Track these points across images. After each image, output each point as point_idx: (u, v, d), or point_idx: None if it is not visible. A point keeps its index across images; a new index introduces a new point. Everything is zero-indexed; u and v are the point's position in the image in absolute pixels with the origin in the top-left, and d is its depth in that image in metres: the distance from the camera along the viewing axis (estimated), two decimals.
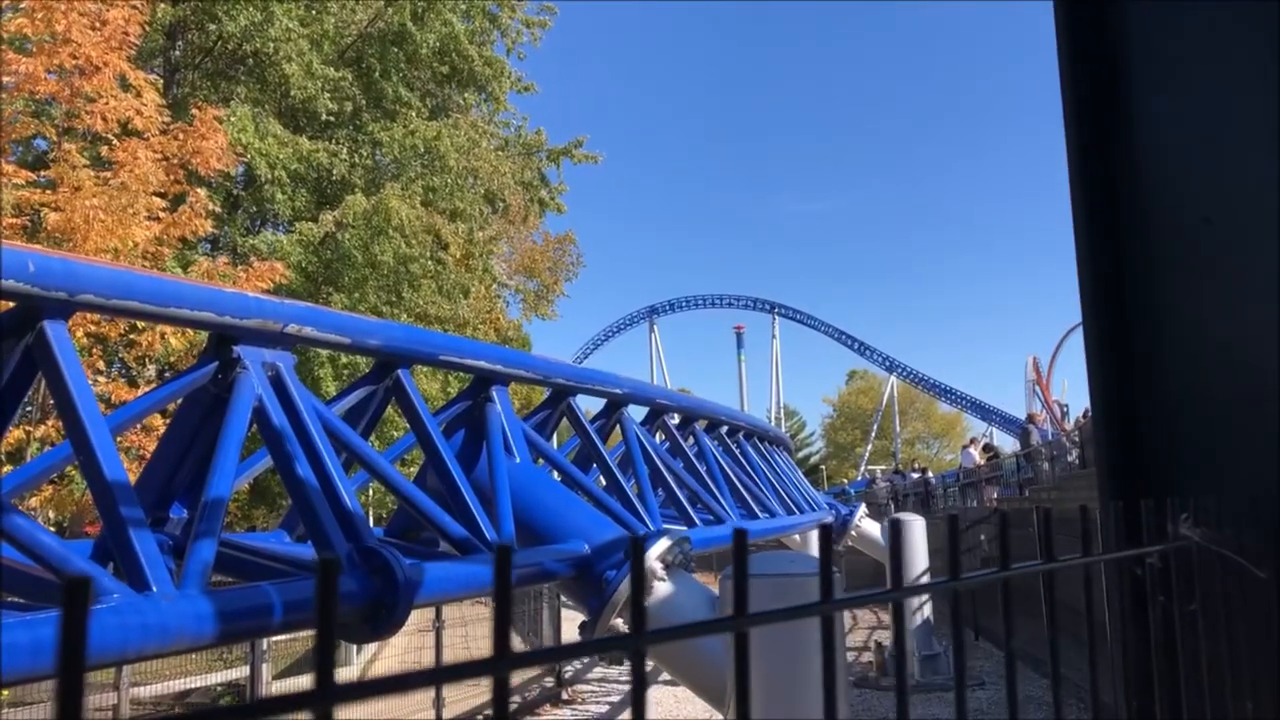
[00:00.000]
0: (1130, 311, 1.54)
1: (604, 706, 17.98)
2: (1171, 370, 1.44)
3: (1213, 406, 1.39)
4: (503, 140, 31.58)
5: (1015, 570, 0.88)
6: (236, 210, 26.48)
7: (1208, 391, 1.42)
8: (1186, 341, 1.48)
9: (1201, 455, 1.39)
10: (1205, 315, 1.48)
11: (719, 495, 9.56)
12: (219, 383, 4.80)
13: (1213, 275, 1.49)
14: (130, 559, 3.77)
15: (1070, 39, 1.80)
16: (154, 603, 3.67)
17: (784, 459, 14.82)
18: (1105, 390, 1.42)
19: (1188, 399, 1.43)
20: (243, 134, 22.88)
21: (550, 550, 6.08)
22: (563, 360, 9.73)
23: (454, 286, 27.09)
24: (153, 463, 5.07)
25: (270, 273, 20.49)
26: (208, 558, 4.02)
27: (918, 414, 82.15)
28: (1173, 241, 1.56)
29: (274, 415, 4.74)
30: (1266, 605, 1.11)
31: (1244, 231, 1.48)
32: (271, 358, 4.91)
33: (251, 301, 4.83)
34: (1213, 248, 1.51)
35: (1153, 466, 1.35)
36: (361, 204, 24.07)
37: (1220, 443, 1.38)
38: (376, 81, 26.96)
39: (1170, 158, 1.62)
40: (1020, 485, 26.77)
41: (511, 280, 37.79)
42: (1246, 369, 1.39)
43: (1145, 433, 1.45)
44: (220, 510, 4.21)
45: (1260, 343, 1.36)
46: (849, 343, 74.06)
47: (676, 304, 77.13)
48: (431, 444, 5.88)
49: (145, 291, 4.30)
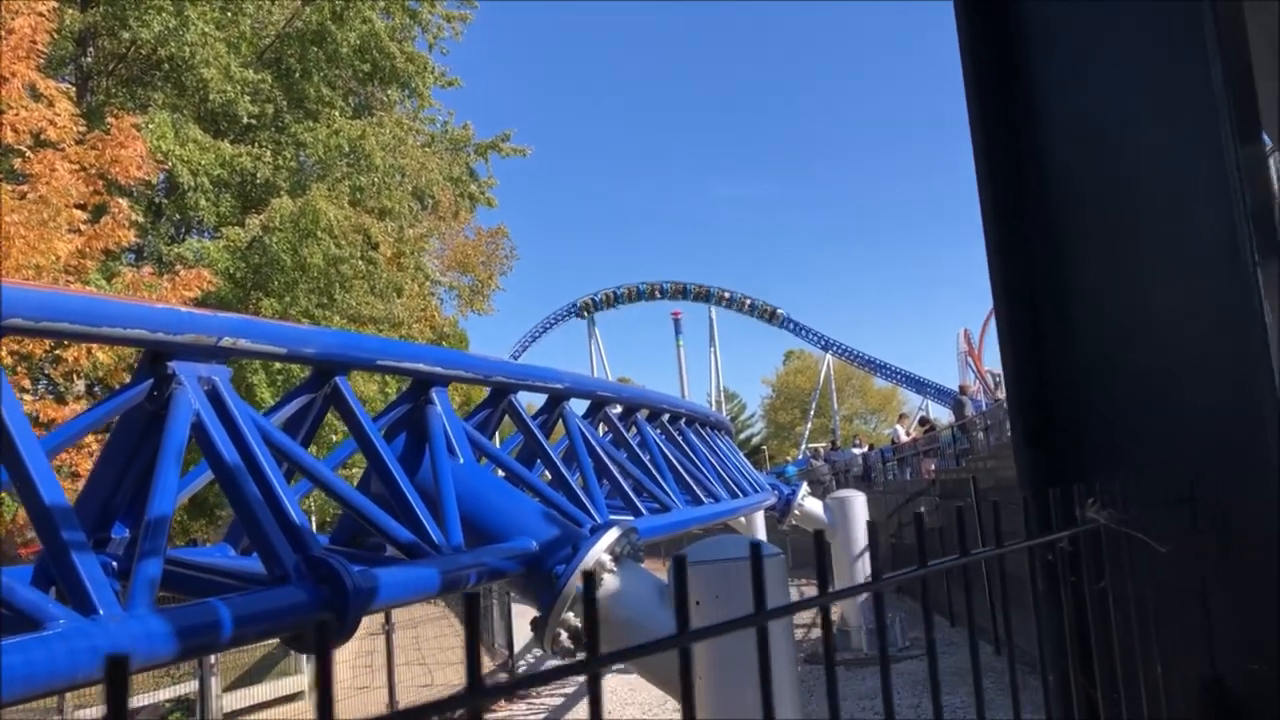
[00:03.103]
0: (1039, 300, 1.63)
1: (558, 699, 18.04)
2: (1079, 356, 1.53)
3: (1118, 390, 1.48)
4: (429, 136, 31.34)
5: (932, 567, 0.96)
6: (160, 218, 25.96)
7: (1113, 375, 1.51)
8: (1092, 326, 1.57)
9: (1110, 438, 1.48)
10: (1108, 301, 1.57)
11: (663, 483, 9.65)
12: (155, 399, 4.75)
13: (1115, 260, 1.59)
14: (74, 583, 3.73)
15: (970, 28, 1.87)
16: (101, 626, 3.65)
17: (726, 443, 14.96)
18: (1019, 380, 1.51)
19: (1095, 383, 1.52)
20: (162, 141, 22.44)
21: (499, 549, 6.12)
22: (502, 358, 9.74)
23: (386, 286, 26.88)
24: (91, 483, 5.00)
25: (198, 281, 20.17)
26: (154, 576, 4.00)
27: (854, 391, 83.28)
28: (1076, 228, 1.64)
29: (213, 430, 4.71)
30: (1169, 577, 1.20)
31: (1143, 217, 1.58)
32: (207, 372, 4.87)
33: (184, 316, 4.79)
34: (1114, 234, 1.60)
35: (1068, 452, 1.44)
36: (288, 206, 23.74)
37: (1126, 425, 1.48)
38: (297, 82, 26.58)
39: (1072, 144, 1.71)
40: (957, 457, 27.24)
41: (445, 277, 37.58)
42: (1148, 353, 1.48)
43: (1058, 418, 1.54)
44: (164, 528, 4.19)
45: (1161, 328, 1.46)
46: (785, 324, 74.66)
47: (613, 294, 77.08)
48: (373, 450, 5.88)
49: (75, 312, 4.24)
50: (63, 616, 3.63)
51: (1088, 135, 1.67)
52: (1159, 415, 1.42)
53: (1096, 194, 1.64)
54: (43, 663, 3.40)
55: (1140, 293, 1.52)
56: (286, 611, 4.32)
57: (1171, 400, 1.42)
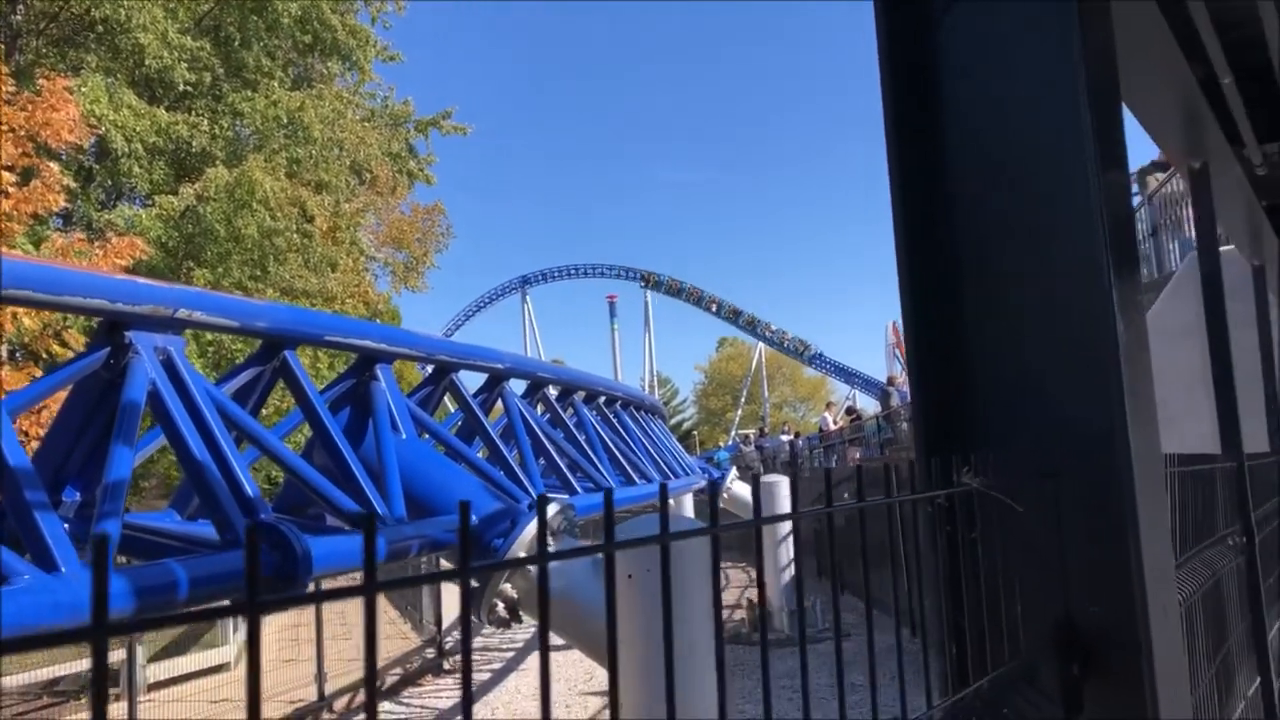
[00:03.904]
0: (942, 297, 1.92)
1: (485, 674, 18.26)
2: (972, 352, 1.83)
3: (1002, 381, 1.78)
4: (369, 111, 31.10)
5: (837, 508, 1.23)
6: (90, 184, 25.48)
7: (1000, 369, 1.80)
8: (985, 328, 1.87)
9: (995, 422, 1.78)
10: (997, 306, 1.85)
11: (598, 463, 9.91)
12: (111, 368, 4.90)
13: (1003, 268, 1.87)
14: (37, 540, 3.89)
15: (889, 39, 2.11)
16: (64, 582, 3.82)
17: (659, 426, 15.28)
18: (921, 370, 1.80)
19: (983, 374, 1.81)
20: (96, 105, 22.06)
21: (439, 521, 6.33)
22: (444, 337, 9.90)
23: (321, 260, 26.72)
24: (44, 448, 5.12)
25: (130, 249, 19.86)
26: (113, 536, 4.16)
27: (785, 379, 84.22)
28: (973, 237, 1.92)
29: (168, 398, 4.87)
30: (1024, 531, 1.50)
31: (1026, 233, 1.87)
32: (163, 342, 5.02)
33: (143, 288, 4.93)
34: (1004, 244, 1.89)
35: (955, 432, 1.74)
36: (224, 176, 23.49)
37: (1009, 412, 1.77)
38: (236, 50, 26.25)
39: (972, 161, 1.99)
40: (881, 445, 27.93)
41: (380, 253, 37.29)
42: (1028, 354, 1.78)
43: (953, 400, 1.84)
44: (122, 491, 4.35)
45: (1037, 333, 1.76)
46: (720, 311, 75.30)
47: (549, 274, 76.99)
48: (320, 423, 6.06)
49: (39, 280, 4.38)
50: (27, 572, 3.79)
51: (984, 156, 1.95)
52: (1034, 406, 1.72)
53: (990, 208, 1.92)
54: (12, 614, 3.58)
55: (1022, 299, 1.80)
56: (238, 574, 4.51)
57: (1046, 395, 1.72)
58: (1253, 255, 5.81)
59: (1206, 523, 3.87)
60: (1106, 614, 1.55)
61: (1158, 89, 3.45)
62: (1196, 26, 3.09)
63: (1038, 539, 1.55)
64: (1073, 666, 1.55)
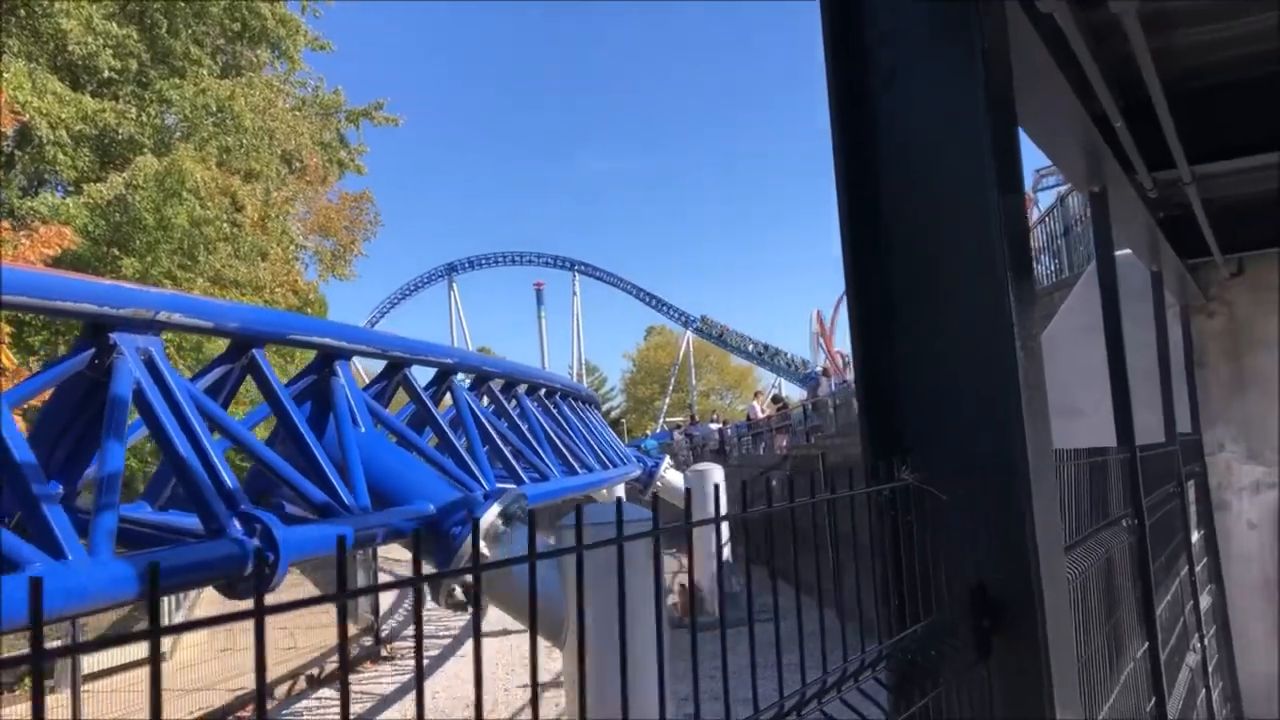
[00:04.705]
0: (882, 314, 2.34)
1: (425, 660, 18.52)
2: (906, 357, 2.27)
3: (929, 387, 2.24)
4: (300, 100, 30.89)
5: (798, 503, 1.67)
6: (11, 170, 25.01)
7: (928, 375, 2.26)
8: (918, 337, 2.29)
9: (925, 423, 2.23)
10: (928, 318, 2.26)
11: (542, 453, 10.31)
12: (95, 368, 5.17)
13: (930, 282, 2.29)
14: (45, 530, 4.19)
15: (833, 42, 2.31)
16: (73, 569, 4.13)
17: (596, 417, 15.71)
18: (867, 386, 2.24)
19: (916, 379, 2.25)
20: (19, 91, 21.68)
21: (400, 511, 6.69)
22: (399, 334, 10.20)
23: (251, 249, 26.57)
24: (29, 442, 5.36)
25: (57, 238, 19.64)
26: (112, 526, 4.48)
27: (712, 367, 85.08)
28: (906, 248, 2.34)
29: (152, 396, 5.16)
30: (947, 515, 1.96)
31: (945, 247, 2.30)
32: (144, 343, 5.31)
33: (125, 292, 5.22)
34: (929, 259, 2.32)
35: (900, 432, 2.18)
36: (153, 165, 23.25)
37: (936, 414, 2.23)
38: (163, 37, 25.92)
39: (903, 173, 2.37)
40: (808, 433, 28.63)
41: (308, 241, 37.01)
42: (949, 363, 2.23)
43: (895, 402, 2.28)
44: (117, 483, 4.65)
45: (957, 343, 2.19)
46: (647, 299, 75.93)
47: (476, 261, 76.86)
48: (288, 417, 6.37)
49: (32, 286, 4.65)
50: (37, 560, 4.09)
51: (912, 170, 2.36)
52: (953, 416, 2.17)
53: (917, 223, 2.33)
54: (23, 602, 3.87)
55: (943, 314, 2.23)
56: (227, 561, 4.85)
57: (961, 407, 2.16)
58: (1151, 262, 6.42)
59: (1103, 507, 4.40)
60: (1009, 581, 2.01)
61: (1059, 127, 3.97)
62: (1088, 76, 3.58)
63: (958, 521, 2.00)
64: (984, 621, 2.01)
